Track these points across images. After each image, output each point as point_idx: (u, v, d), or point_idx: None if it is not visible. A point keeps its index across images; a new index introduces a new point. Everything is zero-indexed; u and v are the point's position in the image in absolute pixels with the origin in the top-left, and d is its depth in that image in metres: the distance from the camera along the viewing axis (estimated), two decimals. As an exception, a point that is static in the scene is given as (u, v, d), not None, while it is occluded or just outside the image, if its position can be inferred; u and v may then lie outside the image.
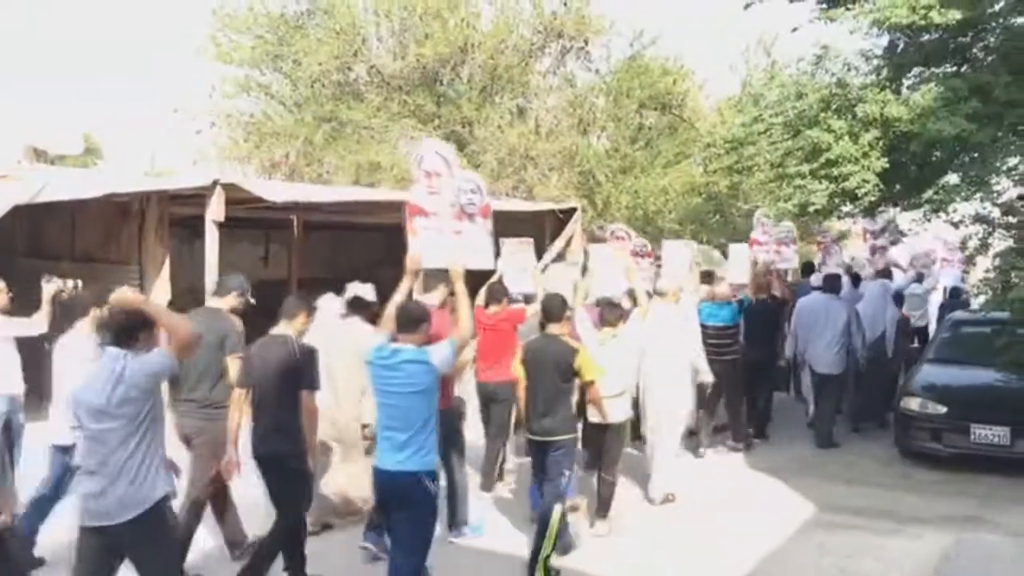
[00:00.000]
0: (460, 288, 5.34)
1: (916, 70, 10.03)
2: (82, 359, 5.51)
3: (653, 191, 18.90)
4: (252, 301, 6.31)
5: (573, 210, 14.31)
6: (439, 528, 5.35)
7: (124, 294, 4.68)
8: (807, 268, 13.53)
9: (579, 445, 6.58)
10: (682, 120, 20.59)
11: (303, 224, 14.23)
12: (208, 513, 6.12)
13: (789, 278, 12.84)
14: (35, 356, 6.74)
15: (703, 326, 9.21)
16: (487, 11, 18.86)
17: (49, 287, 6.72)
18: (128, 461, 4.19)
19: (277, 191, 10.99)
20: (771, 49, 22.50)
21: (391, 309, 5.15)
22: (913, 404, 9.38)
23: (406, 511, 4.85)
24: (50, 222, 11.18)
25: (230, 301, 6.12)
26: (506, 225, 14.34)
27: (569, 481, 6.23)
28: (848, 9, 9.10)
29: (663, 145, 20.41)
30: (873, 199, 9.41)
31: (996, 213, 9.86)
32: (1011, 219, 9.54)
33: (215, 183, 10.00)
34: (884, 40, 10.10)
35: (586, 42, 19.02)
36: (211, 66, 18.54)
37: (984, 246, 9.70)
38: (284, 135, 17.85)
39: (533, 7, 18.67)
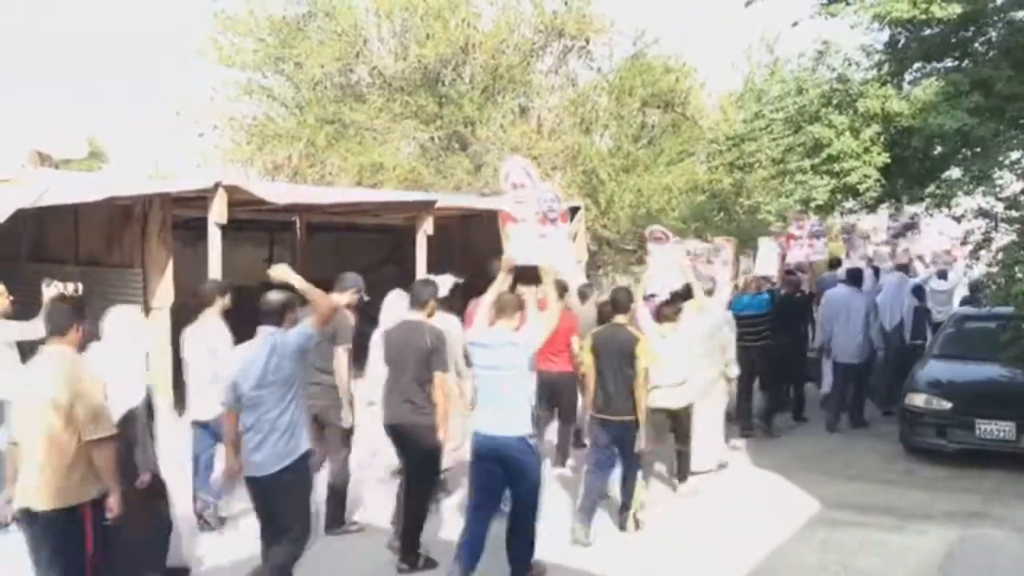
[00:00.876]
0: (549, 283, 6.31)
1: (917, 65, 10.01)
2: (212, 344, 6.46)
3: (656, 189, 18.83)
4: (367, 298, 6.95)
5: (576, 209, 14.30)
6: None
7: (282, 269, 5.31)
8: (835, 263, 13.89)
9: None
10: (685, 118, 20.54)
11: (306, 226, 14.25)
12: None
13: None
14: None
15: (738, 316, 9.57)
16: (488, 11, 18.86)
17: (50, 291, 6.74)
18: (279, 419, 5.06)
19: (279, 193, 11.02)
20: (774, 47, 22.50)
21: (489, 299, 6.02)
22: (918, 400, 9.33)
23: (514, 468, 5.68)
24: (53, 225, 11.21)
25: (346, 297, 6.68)
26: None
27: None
28: (848, 4, 9.10)
29: (666, 143, 20.32)
30: (875, 194, 9.41)
31: (999, 207, 9.83)
32: (1014, 213, 9.50)
33: (217, 185, 10.01)
34: (885, 35, 10.11)
35: (587, 41, 18.99)
36: (213, 68, 18.59)
37: (987, 240, 9.67)
38: (286, 137, 17.85)
39: (534, 7, 18.65)
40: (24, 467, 4.52)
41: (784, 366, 10.58)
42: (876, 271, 12.11)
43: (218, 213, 10.01)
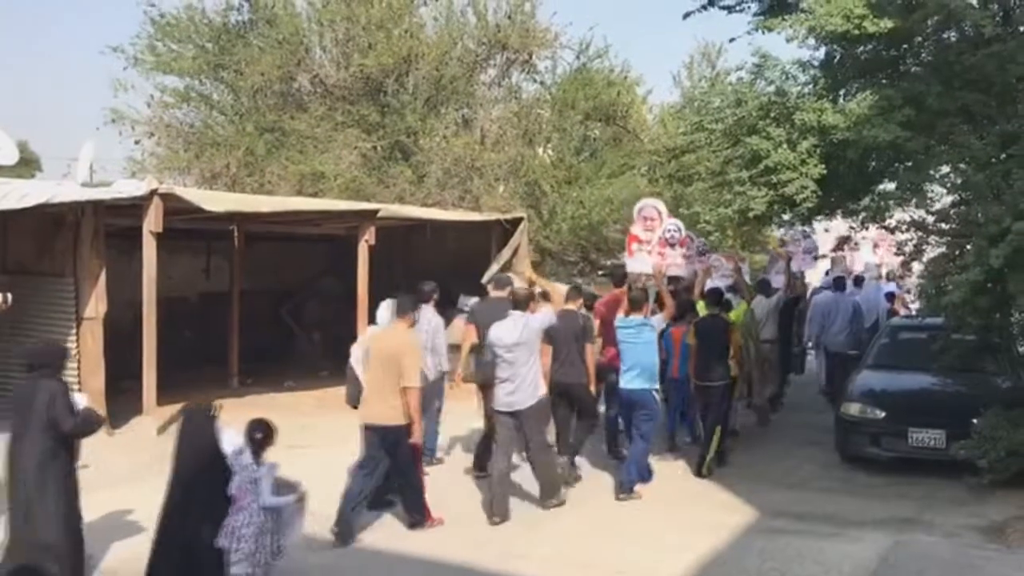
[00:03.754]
0: (663, 286, 9.37)
1: (852, 80, 10.23)
2: (431, 327, 8.66)
3: (598, 201, 18.98)
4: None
5: (519, 220, 14.31)
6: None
7: (528, 272, 8.10)
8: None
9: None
10: (626, 131, 20.73)
11: (245, 235, 14.01)
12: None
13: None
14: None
15: None
16: (431, 23, 18.82)
17: (-21, 299, 6.56)
18: (526, 373, 7.50)
19: (216, 201, 10.82)
20: (716, 61, 22.87)
21: (626, 297, 8.68)
22: (853, 409, 9.49)
23: (642, 411, 8.24)
24: (-20, 233, 10.87)
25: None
26: (453, 235, 14.36)
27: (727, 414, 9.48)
28: (784, 19, 9.26)
29: (608, 156, 20.52)
30: (811, 205, 9.57)
31: (931, 220, 10.06)
32: (944, 225, 9.74)
33: (153, 193, 9.82)
34: (821, 52, 10.32)
35: (530, 55, 19.05)
36: (150, 75, 18.19)
37: (919, 252, 9.89)
38: (225, 145, 17.51)
39: (478, 19, 18.68)
40: (371, 395, 6.96)
41: (786, 356, 12.78)
42: (859, 280, 14.91)
43: (153, 221, 9.82)
